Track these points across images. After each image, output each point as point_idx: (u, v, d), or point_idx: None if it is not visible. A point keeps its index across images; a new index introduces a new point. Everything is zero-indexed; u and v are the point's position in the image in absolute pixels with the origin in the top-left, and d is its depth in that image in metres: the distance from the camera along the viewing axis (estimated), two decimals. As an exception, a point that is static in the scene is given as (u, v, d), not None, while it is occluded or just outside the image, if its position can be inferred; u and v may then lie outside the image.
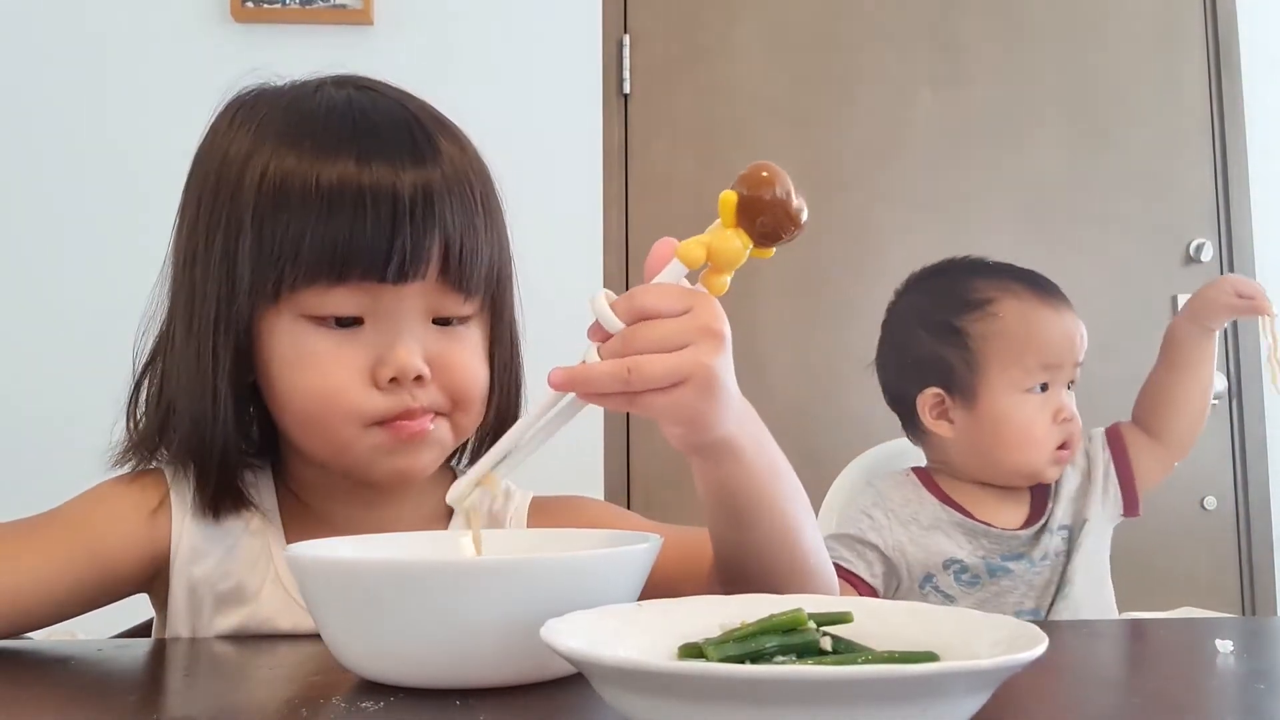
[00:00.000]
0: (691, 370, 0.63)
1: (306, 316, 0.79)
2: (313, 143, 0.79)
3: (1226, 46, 2.51)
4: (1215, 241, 2.48)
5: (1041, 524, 1.36)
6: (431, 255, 0.78)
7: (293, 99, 0.84)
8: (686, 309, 0.64)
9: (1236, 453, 2.45)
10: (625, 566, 0.63)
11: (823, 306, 2.41)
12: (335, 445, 0.81)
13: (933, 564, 1.31)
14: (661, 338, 0.63)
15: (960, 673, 0.47)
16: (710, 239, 0.64)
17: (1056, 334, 1.34)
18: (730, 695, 0.45)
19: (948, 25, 2.50)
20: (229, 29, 2.31)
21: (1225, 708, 0.61)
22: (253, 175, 0.79)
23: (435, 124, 0.83)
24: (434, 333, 0.81)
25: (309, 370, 0.79)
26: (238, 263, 0.79)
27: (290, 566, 0.64)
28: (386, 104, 0.84)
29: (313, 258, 0.77)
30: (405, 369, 0.78)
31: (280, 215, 0.77)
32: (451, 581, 0.59)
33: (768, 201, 0.62)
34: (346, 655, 0.62)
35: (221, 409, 0.80)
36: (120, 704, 0.61)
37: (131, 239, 2.27)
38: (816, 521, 0.82)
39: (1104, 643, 0.81)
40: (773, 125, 2.46)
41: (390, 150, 0.79)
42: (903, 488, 1.37)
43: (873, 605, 0.60)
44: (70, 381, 2.19)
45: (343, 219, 0.76)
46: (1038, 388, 1.33)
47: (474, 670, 0.60)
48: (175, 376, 0.83)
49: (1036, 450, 1.33)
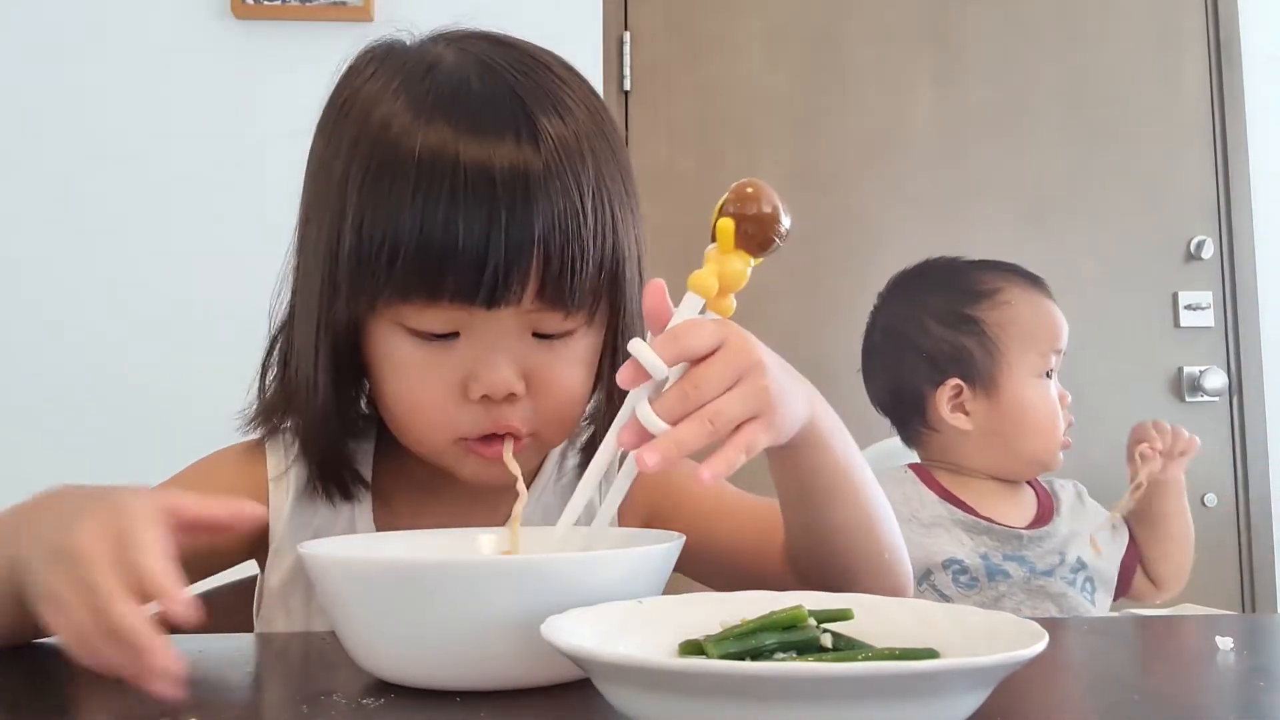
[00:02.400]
0: (758, 406, 0.64)
1: (403, 326, 0.77)
2: (408, 176, 0.74)
3: (1227, 43, 2.51)
4: (1216, 239, 2.47)
5: (1046, 527, 1.35)
6: (528, 276, 0.74)
7: (390, 107, 0.78)
8: (719, 342, 0.64)
9: (1237, 450, 2.45)
10: (641, 566, 0.62)
11: (821, 304, 2.41)
12: (424, 449, 0.81)
13: (931, 562, 1.30)
14: (720, 379, 0.63)
15: (960, 670, 0.47)
16: (717, 266, 0.66)
17: (1057, 321, 1.38)
18: (731, 692, 0.45)
19: (947, 23, 2.50)
20: (230, 26, 2.30)
21: (1225, 705, 0.61)
22: (349, 196, 0.76)
23: (542, 98, 0.78)
24: (533, 346, 0.78)
25: (402, 380, 0.79)
26: (338, 266, 0.76)
27: (306, 565, 0.63)
28: (496, 93, 0.78)
29: (403, 283, 0.74)
30: (495, 389, 0.76)
31: (375, 238, 0.74)
32: (459, 581, 0.58)
33: (767, 215, 0.64)
34: (362, 655, 0.62)
35: (320, 399, 0.80)
36: (118, 699, 0.61)
37: (134, 236, 2.27)
38: (894, 517, 0.80)
39: (1104, 639, 0.81)
40: (773, 122, 2.46)
41: (488, 181, 0.73)
42: (901, 485, 1.36)
43: (873, 602, 0.60)
44: (84, 372, 2.19)
45: (433, 253, 0.73)
46: (1045, 374, 1.35)
47: (488, 671, 0.59)
48: (289, 353, 0.84)
49: (1050, 437, 1.35)
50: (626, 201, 0.80)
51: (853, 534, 0.76)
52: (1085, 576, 1.35)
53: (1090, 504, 1.43)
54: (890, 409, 1.46)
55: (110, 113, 2.29)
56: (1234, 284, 2.47)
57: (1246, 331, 2.46)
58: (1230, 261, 2.47)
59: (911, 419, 1.42)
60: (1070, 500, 1.42)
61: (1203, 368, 2.43)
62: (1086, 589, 1.35)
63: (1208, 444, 2.47)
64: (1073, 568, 1.34)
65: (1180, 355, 2.45)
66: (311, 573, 0.63)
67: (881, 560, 0.77)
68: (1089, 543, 1.35)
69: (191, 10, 2.31)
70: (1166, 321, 2.46)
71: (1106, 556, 1.38)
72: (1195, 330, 2.46)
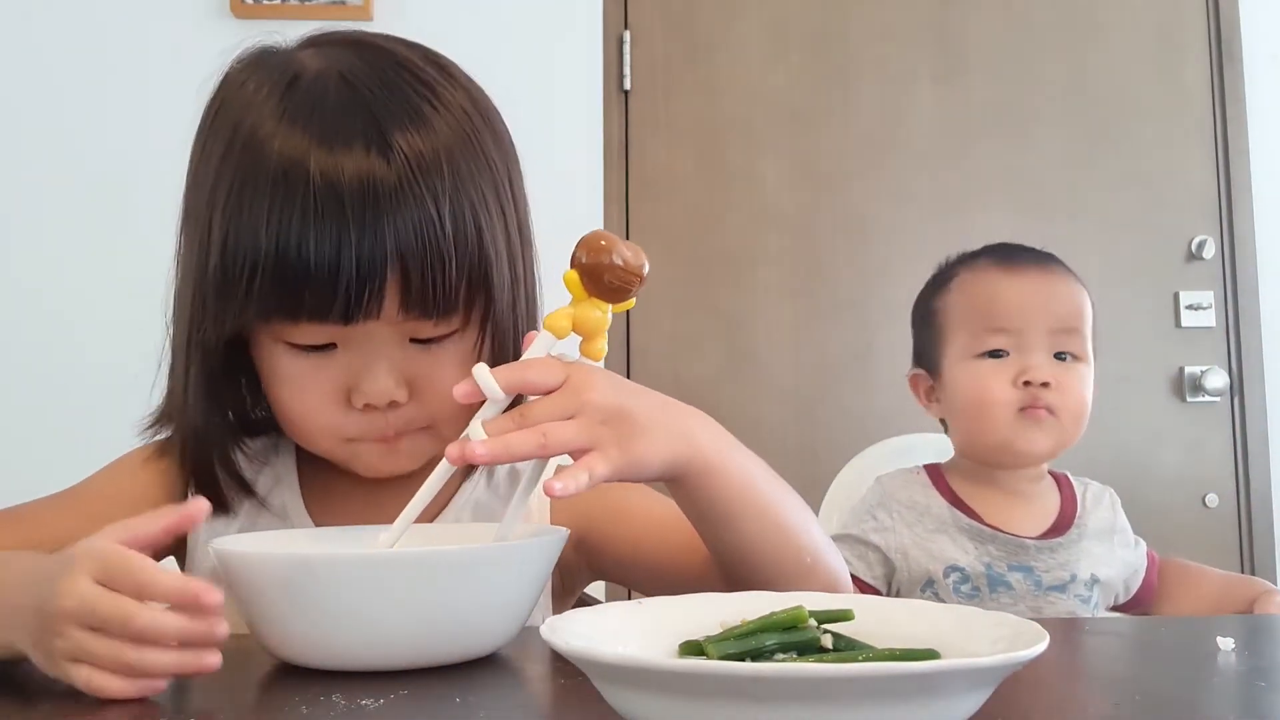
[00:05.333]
0: (591, 440, 0.67)
1: (281, 340, 0.79)
2: (266, 196, 0.75)
3: (1228, 42, 2.51)
4: (1217, 238, 2.47)
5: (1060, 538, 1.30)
6: (384, 292, 0.75)
7: (254, 123, 0.79)
8: (562, 380, 0.67)
9: (1238, 450, 2.45)
10: (513, 560, 0.68)
11: (822, 303, 2.41)
12: (319, 451, 0.84)
13: (934, 569, 1.26)
14: (551, 411, 0.66)
15: (961, 670, 0.46)
16: (573, 310, 0.69)
17: (1010, 297, 1.29)
18: (731, 693, 0.45)
19: (948, 21, 2.50)
20: (229, 24, 2.30)
21: (1226, 705, 0.61)
22: (215, 211, 0.77)
23: (396, 115, 0.77)
24: (412, 352, 0.80)
25: (286, 389, 0.81)
26: (206, 285, 0.77)
27: (215, 559, 0.67)
28: (352, 102, 0.78)
29: (264, 303, 0.75)
30: (377, 398, 0.78)
31: (236, 259, 0.75)
32: (351, 573, 0.64)
33: (608, 265, 0.67)
34: (267, 640, 0.68)
35: (191, 415, 0.83)
36: (118, 701, 0.61)
37: (131, 234, 2.27)
38: (812, 520, 0.82)
39: (1105, 640, 0.81)
40: (773, 121, 2.45)
41: (338, 195, 0.74)
42: (910, 487, 1.33)
43: (874, 603, 0.60)
44: (76, 374, 2.19)
45: (287, 276, 0.74)
46: (989, 354, 1.27)
47: (379, 653, 0.65)
48: (171, 370, 0.85)
49: (992, 413, 1.26)
50: (494, 203, 0.80)
51: (763, 548, 0.77)
52: (1101, 595, 1.31)
53: (1122, 521, 1.36)
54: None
55: (109, 112, 2.29)
56: (1235, 284, 2.47)
57: (1248, 331, 2.46)
58: (1231, 261, 2.47)
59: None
60: (1101, 511, 1.35)
61: (1204, 368, 2.43)
62: (1100, 609, 1.31)
63: (1208, 444, 2.48)
64: (1087, 584, 1.29)
65: (1181, 355, 2.45)
66: (222, 567, 0.68)
67: (803, 564, 0.78)
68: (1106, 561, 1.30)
69: (191, 10, 2.31)
70: (1168, 321, 2.46)
71: (1115, 564, 1.35)
72: (1196, 330, 2.46)
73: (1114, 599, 1.35)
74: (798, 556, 0.78)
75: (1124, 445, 1.40)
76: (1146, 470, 2.36)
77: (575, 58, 2.39)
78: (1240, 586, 1.34)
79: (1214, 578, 1.39)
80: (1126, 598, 1.36)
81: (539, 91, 2.34)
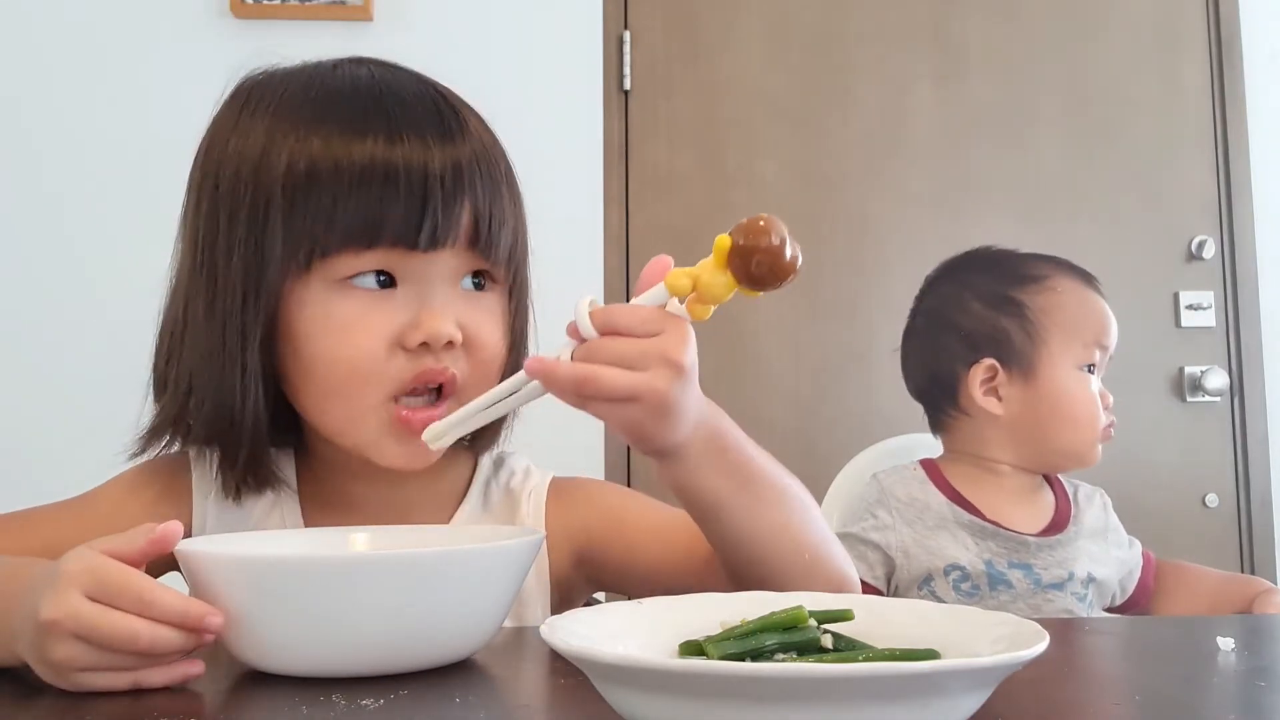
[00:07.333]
0: (644, 393, 0.66)
1: (338, 281, 0.79)
2: (339, 121, 0.79)
3: (1228, 42, 2.51)
4: (1217, 238, 2.47)
5: (1058, 536, 1.31)
6: (461, 224, 0.79)
7: (310, 78, 0.84)
8: (657, 332, 0.66)
9: (1238, 450, 2.45)
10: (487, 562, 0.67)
11: (822, 302, 2.41)
12: (351, 416, 0.81)
13: (934, 566, 1.27)
14: (621, 355, 0.66)
15: (961, 670, 0.46)
16: (699, 272, 0.66)
17: (1105, 316, 1.36)
18: (731, 693, 0.45)
19: (948, 22, 2.50)
20: (229, 25, 2.30)
21: (1226, 705, 0.60)
22: (278, 158, 0.79)
23: (459, 101, 0.85)
24: (463, 298, 0.82)
25: (336, 336, 0.79)
26: (266, 236, 0.79)
27: (180, 561, 0.67)
28: (409, 80, 0.84)
29: (345, 226, 0.77)
30: (437, 334, 0.79)
31: (311, 192, 0.78)
32: (321, 575, 0.63)
33: (762, 249, 0.64)
34: (236, 647, 0.65)
35: (251, 383, 0.80)
36: (114, 700, 0.61)
37: (133, 235, 2.27)
38: (818, 519, 0.81)
39: (1105, 640, 0.81)
40: (773, 121, 2.45)
41: (419, 125, 0.80)
42: (908, 484, 1.33)
43: (874, 603, 0.60)
44: (86, 377, 2.19)
45: (374, 192, 0.77)
46: (1087, 368, 1.33)
47: (349, 659, 0.64)
48: (196, 358, 0.82)
49: (1088, 429, 1.32)
50: (523, 208, 0.87)
51: (763, 542, 0.76)
52: (1096, 594, 1.32)
53: (1114, 521, 1.39)
54: (924, 393, 1.41)
55: (109, 112, 2.29)
56: (1235, 284, 2.47)
57: (1248, 331, 2.46)
58: (1231, 261, 2.47)
59: (943, 402, 1.38)
60: (1094, 511, 1.37)
61: (1204, 367, 2.43)
62: (1095, 609, 1.32)
63: (1208, 444, 2.48)
64: (1084, 582, 1.30)
65: (1181, 355, 2.45)
66: (186, 569, 0.67)
67: (802, 561, 0.78)
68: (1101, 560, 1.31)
69: (191, 10, 2.31)
70: (1168, 321, 2.46)
71: (1110, 563, 1.35)
72: (1196, 330, 2.46)
73: (1110, 600, 1.35)
74: (797, 553, 0.78)
75: (1124, 445, 1.40)
76: (1146, 470, 2.36)
77: (575, 58, 2.39)
78: (1239, 585, 1.35)
79: (1213, 577, 1.39)
80: (1123, 599, 1.37)
81: (539, 91, 2.34)
